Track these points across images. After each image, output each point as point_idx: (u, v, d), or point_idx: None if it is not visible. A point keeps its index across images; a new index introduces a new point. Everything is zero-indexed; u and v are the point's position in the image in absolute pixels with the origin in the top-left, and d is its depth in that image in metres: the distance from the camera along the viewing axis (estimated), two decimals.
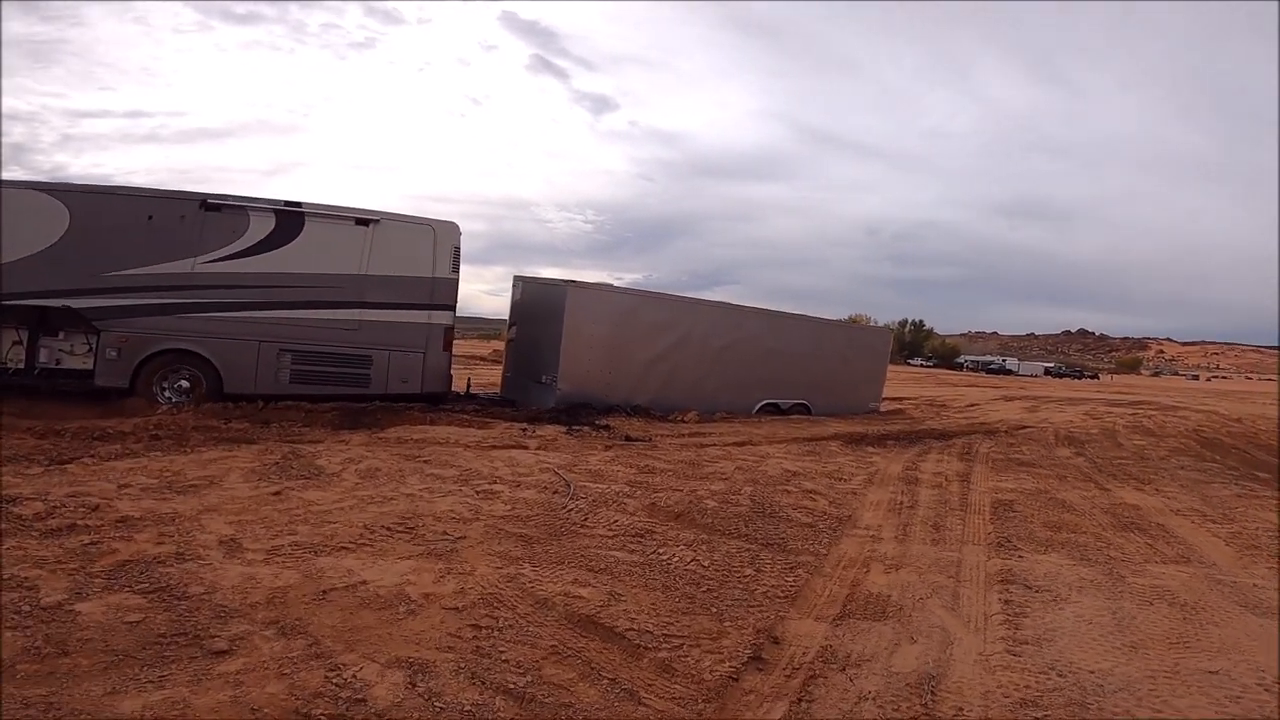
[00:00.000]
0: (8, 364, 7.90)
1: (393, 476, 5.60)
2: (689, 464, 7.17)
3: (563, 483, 5.97)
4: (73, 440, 6.08)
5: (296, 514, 4.49)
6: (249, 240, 8.39)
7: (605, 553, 4.46)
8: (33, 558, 3.21)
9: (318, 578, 3.57)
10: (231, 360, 8.29)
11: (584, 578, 4.02)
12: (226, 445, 6.22)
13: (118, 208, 8.17)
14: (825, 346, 12.67)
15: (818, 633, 3.58)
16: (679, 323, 10.94)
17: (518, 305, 11.43)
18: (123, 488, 4.59)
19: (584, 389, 10.07)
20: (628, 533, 4.90)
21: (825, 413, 12.12)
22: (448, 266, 9.06)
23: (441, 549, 4.24)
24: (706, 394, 11.02)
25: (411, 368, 8.84)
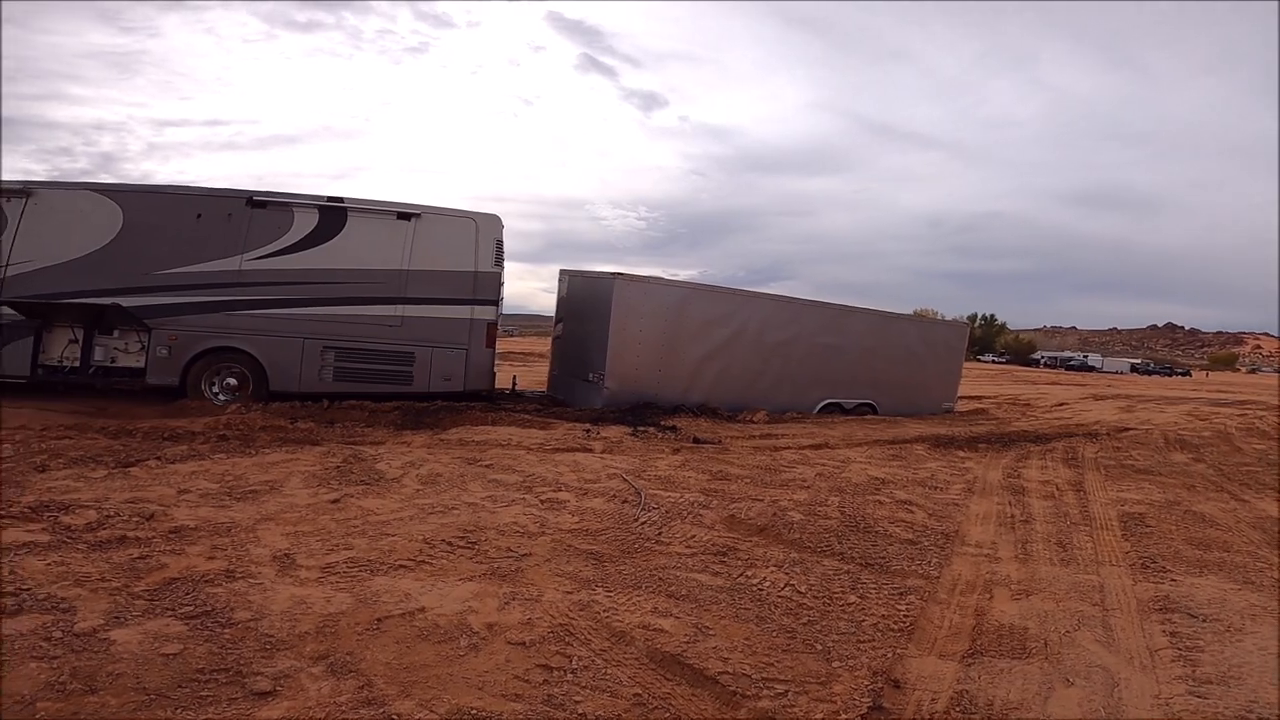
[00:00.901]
0: (64, 362, 8.01)
1: (454, 483, 5.29)
2: (765, 469, 6.63)
3: (633, 491, 5.53)
4: (143, 441, 6.03)
5: (354, 525, 4.19)
6: (293, 237, 8.32)
7: (685, 575, 3.99)
8: (75, 574, 2.97)
9: (372, 603, 3.23)
10: (277, 358, 8.22)
11: (664, 606, 3.56)
12: (291, 447, 6.04)
13: (168, 206, 8.22)
14: (893, 342, 11.81)
15: (946, 674, 3.05)
16: (733, 317, 10.33)
17: (564, 301, 11.08)
18: (182, 493, 4.40)
19: (632, 387, 9.61)
20: (708, 550, 4.43)
21: (893, 413, 11.32)
22: (490, 260, 8.78)
23: (505, 568, 3.86)
24: (762, 392, 10.41)
25: (454, 365, 8.60)
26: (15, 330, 7.81)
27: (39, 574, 2.91)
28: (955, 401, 12.84)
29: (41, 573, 2.92)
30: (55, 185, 8.27)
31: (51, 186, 8.22)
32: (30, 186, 8.08)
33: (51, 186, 8.22)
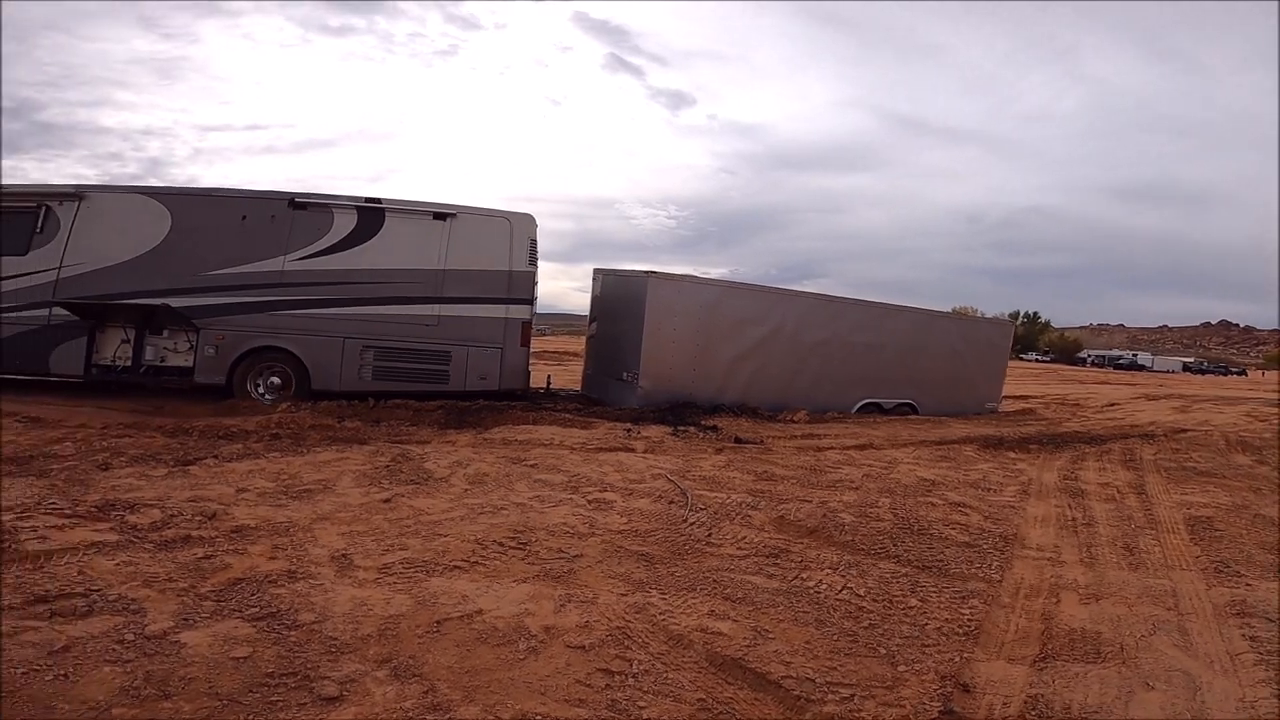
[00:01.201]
0: (117, 362, 8.21)
1: (501, 482, 5.29)
2: (810, 470, 6.52)
3: (679, 492, 5.48)
4: (199, 440, 6.16)
5: (407, 525, 4.21)
6: (334, 237, 8.43)
7: (740, 577, 3.93)
8: (143, 574, 3.02)
9: (431, 605, 3.22)
10: (318, 357, 8.32)
11: (721, 608, 3.51)
12: (340, 446, 6.11)
13: (214, 209, 8.38)
14: (935, 340, 11.51)
15: (1017, 678, 2.96)
16: (769, 315, 10.18)
17: (598, 300, 11.02)
18: (240, 492, 4.47)
19: (666, 386, 9.52)
20: (760, 552, 4.36)
21: (935, 413, 11.04)
22: (524, 259, 8.78)
23: (558, 569, 3.84)
24: (799, 392, 10.24)
25: (489, 364, 8.63)
26: (69, 330, 8.05)
27: (108, 574, 2.96)
28: (999, 401, 12.50)
29: (111, 573, 2.97)
30: (106, 189, 8.51)
31: (102, 190, 8.46)
32: (82, 190, 8.32)
33: (102, 190, 8.46)
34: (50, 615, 2.59)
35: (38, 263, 8.10)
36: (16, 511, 3.49)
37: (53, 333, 8.03)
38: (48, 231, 8.15)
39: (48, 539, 3.13)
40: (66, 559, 3.02)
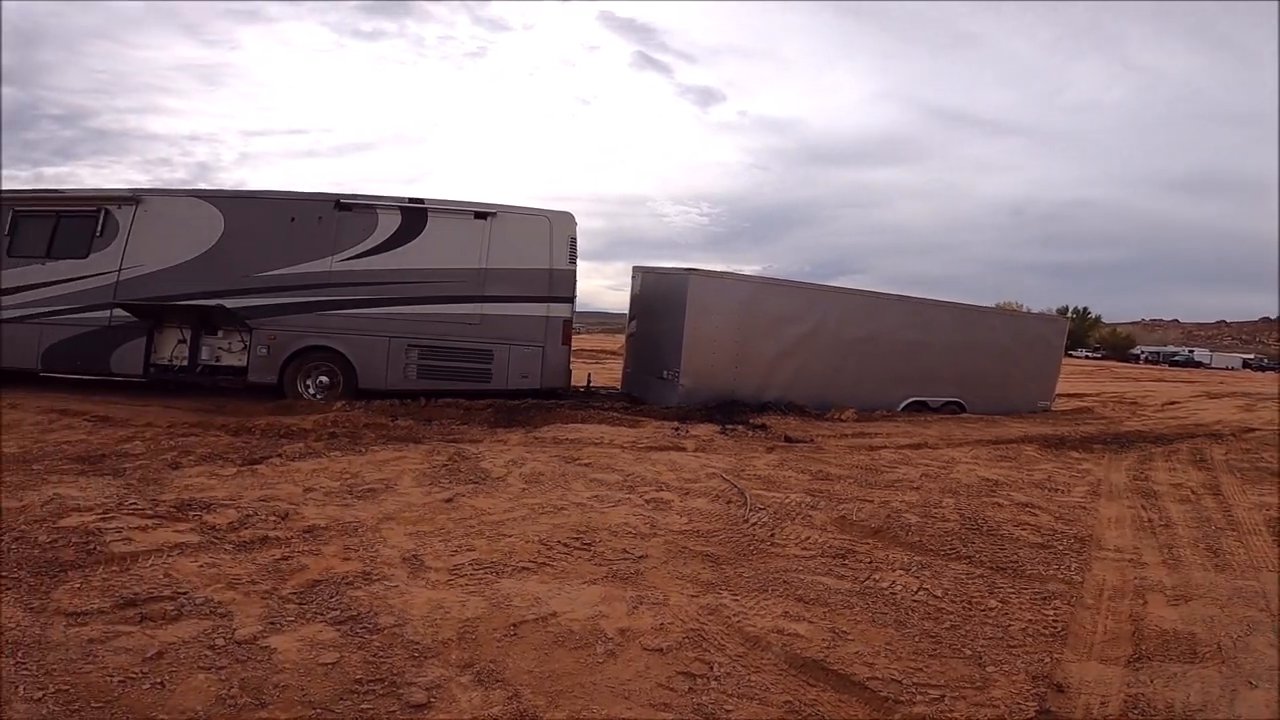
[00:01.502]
0: (174, 362, 8.41)
1: (557, 482, 5.27)
2: (866, 469, 6.38)
3: (736, 491, 5.40)
4: (262, 438, 6.28)
5: (471, 525, 4.20)
6: (378, 238, 8.50)
7: (809, 578, 3.86)
8: (227, 577, 3.04)
9: (505, 607, 3.20)
10: (365, 356, 8.41)
11: (795, 610, 3.44)
12: (396, 445, 6.16)
13: (264, 211, 8.53)
14: (984, 337, 11.15)
15: (1112, 678, 2.89)
16: (811, 312, 10.00)
17: (637, 298, 10.94)
18: (308, 492, 4.51)
19: (708, 384, 9.41)
20: (826, 552, 4.28)
21: (984, 412, 10.72)
22: (565, 257, 8.76)
23: (625, 571, 3.80)
24: (842, 390, 10.03)
25: (531, 362, 8.62)
26: (129, 331, 8.27)
27: (193, 576, 2.99)
28: (1052, 400, 12.11)
29: (195, 575, 3.00)
30: (161, 192, 8.70)
31: (158, 193, 8.66)
32: (139, 194, 8.53)
33: (158, 193, 8.66)
34: (140, 619, 2.61)
35: (98, 265, 8.35)
36: (99, 512, 3.56)
37: (113, 333, 8.27)
38: (107, 234, 8.39)
39: (132, 540, 3.18)
40: (151, 561, 3.05)
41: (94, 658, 2.36)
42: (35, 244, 8.44)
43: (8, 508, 3.70)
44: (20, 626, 2.47)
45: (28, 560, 2.93)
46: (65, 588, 2.75)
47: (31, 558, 2.95)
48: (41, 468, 4.86)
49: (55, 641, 2.40)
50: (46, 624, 2.50)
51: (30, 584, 2.76)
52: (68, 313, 8.26)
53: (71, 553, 3.01)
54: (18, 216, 8.50)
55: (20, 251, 8.43)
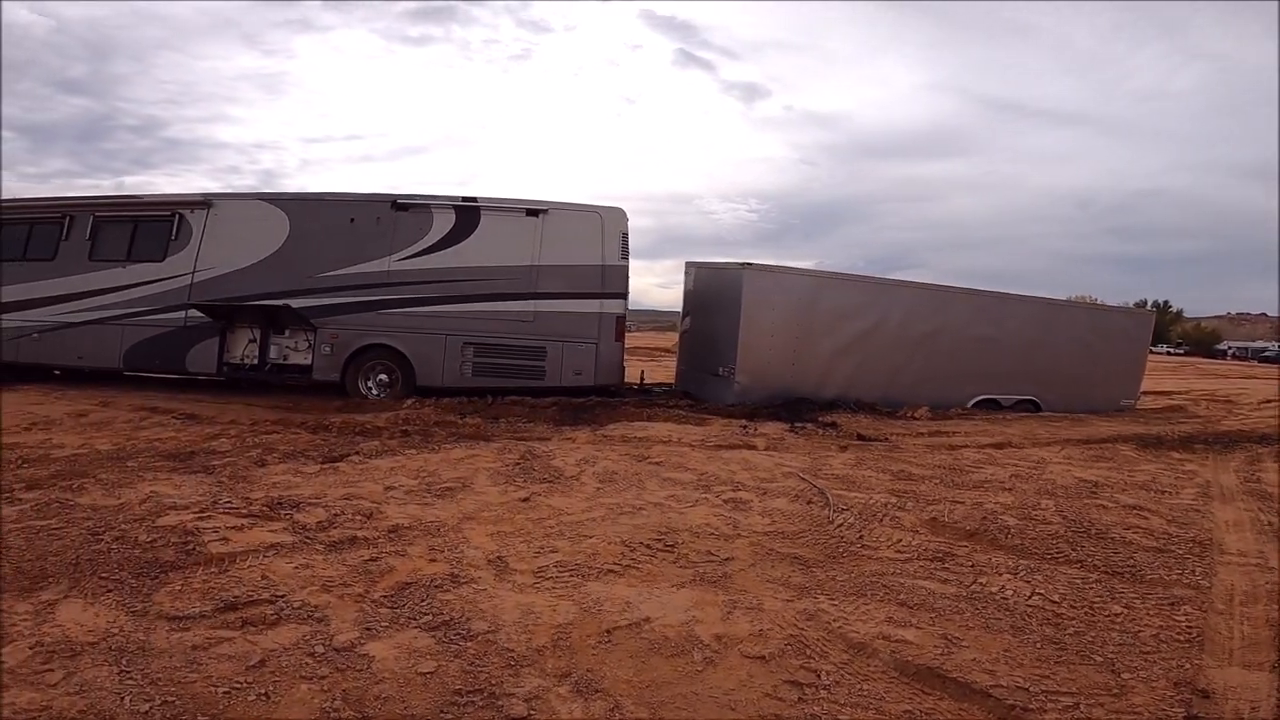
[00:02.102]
0: (245, 360, 8.64)
1: (631, 481, 5.15)
2: (949, 469, 6.07)
3: (817, 491, 5.19)
4: (339, 436, 6.37)
5: (550, 525, 4.12)
6: (433, 237, 8.56)
7: (908, 581, 3.66)
8: (320, 579, 3.01)
9: (596, 612, 3.09)
10: (422, 354, 8.47)
11: (898, 615, 3.26)
12: (467, 443, 6.15)
13: (326, 212, 8.67)
14: (1061, 332, 10.45)
15: (1260, 683, 2.71)
16: (872, 306, 9.58)
17: (691, 294, 10.71)
18: (389, 490, 4.51)
19: (764, 382, 9.13)
20: (922, 555, 4.06)
21: (1061, 410, 10.11)
22: (617, 253, 8.64)
23: (712, 574, 3.66)
24: (905, 388, 9.59)
25: (584, 359, 8.54)
26: (204, 331, 8.56)
27: (288, 578, 2.97)
28: (1137, 398, 11.37)
29: (290, 576, 2.98)
30: (231, 196, 9.00)
31: (228, 198, 8.94)
32: (210, 198, 8.82)
33: (228, 198, 8.94)
34: (241, 624, 2.59)
35: (174, 268, 8.65)
36: (195, 511, 3.60)
37: (189, 334, 8.57)
38: (181, 238, 8.69)
39: (229, 540, 3.19)
40: (249, 562, 3.05)
41: (198, 666, 2.33)
42: (115, 248, 8.80)
43: (106, 505, 3.78)
44: (124, 632, 2.47)
45: (129, 561, 2.96)
46: (166, 590, 2.76)
47: (132, 558, 2.98)
48: (136, 464, 4.99)
49: (159, 648, 2.39)
50: (150, 629, 2.50)
51: (132, 585, 2.78)
52: (146, 314, 8.59)
53: (171, 553, 3.03)
54: (98, 222, 8.88)
55: (102, 256, 8.80)
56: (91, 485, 4.15)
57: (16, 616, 2.53)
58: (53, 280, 8.80)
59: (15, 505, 3.82)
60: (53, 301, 8.79)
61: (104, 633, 2.43)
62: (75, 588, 2.75)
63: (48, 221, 9.00)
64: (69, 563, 2.97)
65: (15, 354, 8.86)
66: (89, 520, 3.52)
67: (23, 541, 3.25)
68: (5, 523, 3.52)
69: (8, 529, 3.42)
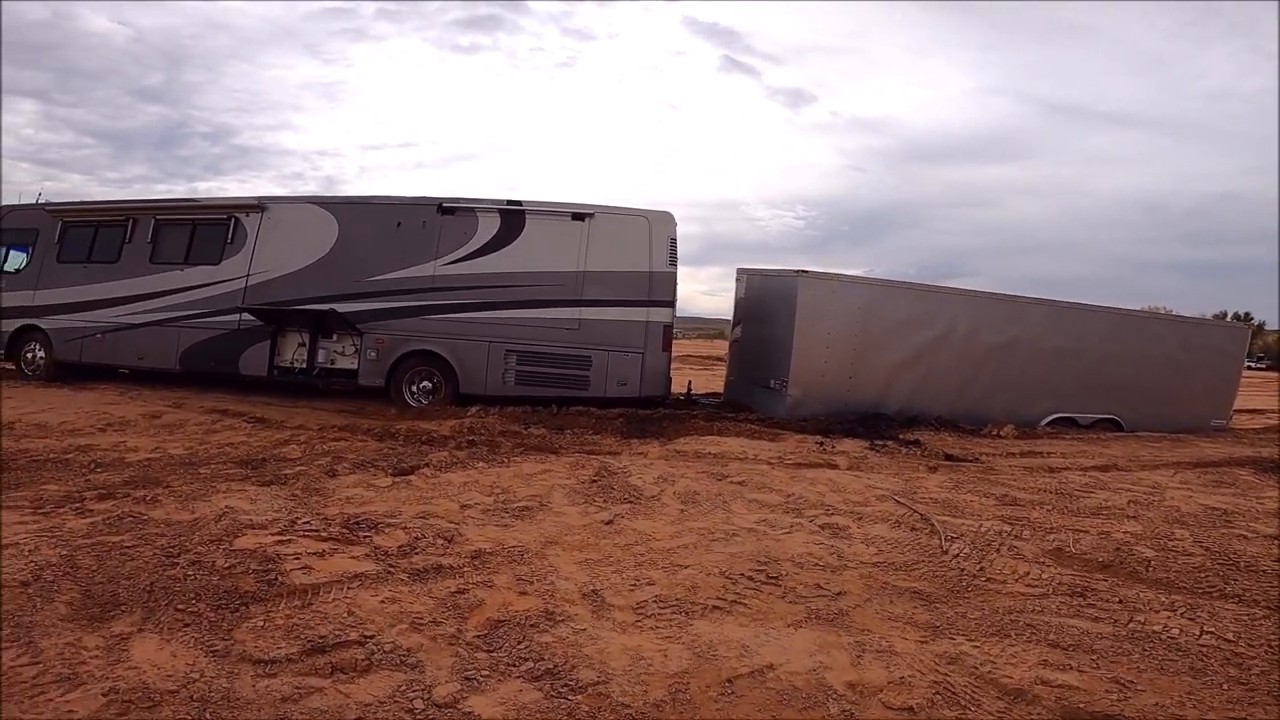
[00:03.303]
0: (294, 364, 8.57)
1: (716, 503, 4.79)
2: (1056, 494, 5.57)
3: (919, 517, 4.76)
4: (405, 444, 6.21)
5: (640, 552, 3.78)
6: (478, 241, 8.36)
7: (1054, 619, 3.27)
8: (409, 615, 2.72)
9: (711, 657, 2.74)
10: (466, 361, 8.26)
11: (1053, 657, 2.90)
12: (536, 455, 5.89)
13: (373, 216, 8.57)
14: (1146, 346, 9.64)
15: None
16: (937, 316, 8.94)
17: (742, 302, 10.24)
18: (464, 509, 4.23)
19: (818, 396, 8.59)
20: (1059, 590, 3.65)
21: (1144, 429, 9.32)
22: (664, 259, 8.26)
23: (826, 610, 3.29)
24: (972, 403, 8.93)
25: (630, 369, 8.17)
26: (256, 334, 8.55)
27: (376, 615, 2.68)
28: (1229, 418, 10.49)
29: (378, 613, 2.70)
30: (283, 199, 8.95)
31: (280, 201, 8.90)
32: (263, 202, 8.82)
33: (280, 201, 8.90)
34: (331, 671, 2.30)
35: (229, 271, 8.68)
36: (274, 531, 3.37)
37: (242, 336, 8.57)
38: (237, 241, 8.72)
39: (311, 570, 2.93)
40: (333, 594, 2.78)
41: None
42: (175, 251, 8.89)
43: (180, 520, 3.57)
44: (206, 677, 2.20)
45: (207, 590, 2.70)
46: (248, 625, 2.49)
47: (210, 586, 2.73)
48: (209, 472, 4.86)
49: (245, 698, 2.11)
50: (233, 673, 2.23)
51: (211, 620, 2.52)
52: (203, 316, 8.63)
53: (251, 582, 2.77)
54: (159, 225, 8.98)
55: (162, 258, 8.90)
56: (165, 497, 3.96)
57: (87, 653, 2.29)
58: (116, 282, 8.95)
59: (87, 517, 3.65)
60: (116, 303, 8.94)
61: (184, 678, 2.16)
62: (150, 619, 2.51)
63: (112, 224, 9.15)
64: (142, 589, 2.73)
65: (79, 354, 9.04)
66: (163, 538, 3.31)
67: (93, 561, 3.04)
68: (75, 537, 3.33)
69: (78, 544, 3.23)
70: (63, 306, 9.09)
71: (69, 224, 9.32)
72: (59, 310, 9.09)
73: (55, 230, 9.29)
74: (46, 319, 9.13)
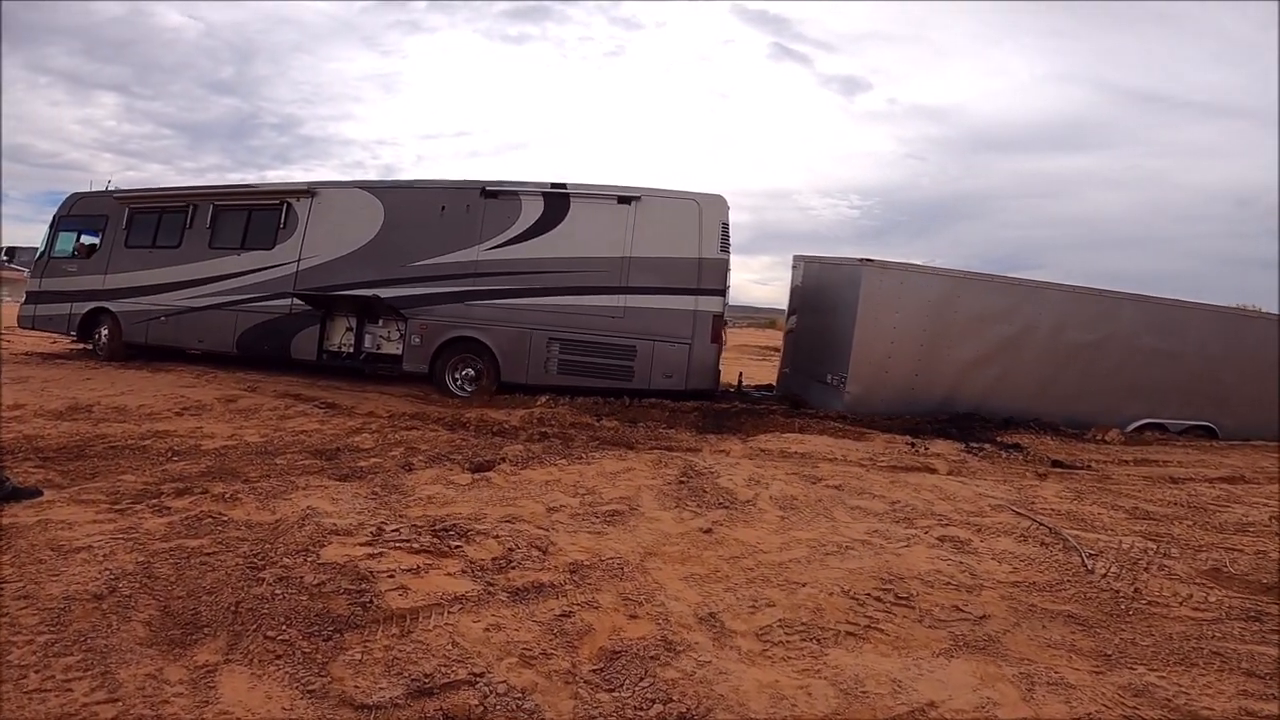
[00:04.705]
0: (342, 348, 8.52)
1: (817, 510, 4.39)
2: (1189, 507, 5.02)
3: (1048, 531, 4.29)
4: (477, 435, 6.01)
5: (749, 567, 3.42)
6: (522, 226, 8.09)
7: (1239, 646, 2.90)
8: (516, 645, 2.40)
9: (860, 695, 2.38)
10: (508, 348, 8.03)
11: (1253, 687, 2.58)
12: (613, 450, 5.59)
13: (418, 200, 8.39)
14: (1250, 348, 8.71)
15: None
16: (1017, 312, 8.24)
17: (798, 290, 9.72)
18: (551, 512, 3.93)
19: (880, 394, 8.03)
20: (1231, 614, 3.26)
21: (1241, 438, 8.42)
22: (715, 245, 7.78)
23: (973, 637, 2.90)
24: (1052, 404, 8.24)
25: (676, 360, 7.76)
26: (306, 319, 8.53)
27: (482, 646, 2.36)
28: None
29: (483, 643, 2.38)
30: (332, 184, 8.87)
31: (329, 185, 8.83)
32: (314, 187, 8.76)
33: (329, 185, 8.83)
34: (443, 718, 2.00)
35: (282, 256, 8.66)
36: (362, 540, 3.10)
37: (293, 321, 8.57)
38: (289, 226, 8.69)
39: (408, 590, 2.63)
40: (433, 620, 2.47)
41: None
42: (232, 236, 8.92)
43: (261, 523, 3.34)
44: None
45: (297, 613, 2.43)
46: (345, 658, 2.20)
47: (301, 609, 2.45)
48: (284, 463, 4.69)
49: None
50: None
51: (305, 650, 2.23)
52: (257, 300, 8.66)
53: (344, 604, 2.50)
54: (218, 211, 9.03)
55: (220, 243, 8.96)
56: (244, 494, 3.74)
57: (170, 689, 2.02)
58: (178, 267, 9.06)
59: (165, 516, 3.44)
60: (178, 287, 9.04)
61: None
62: (236, 647, 2.24)
63: (175, 210, 9.25)
64: (227, 608, 2.48)
65: (145, 335, 9.18)
66: (245, 543, 3.07)
67: (172, 571, 2.82)
68: (153, 540, 3.12)
69: (155, 549, 3.01)
70: (130, 290, 9.24)
71: (135, 210, 9.45)
72: (127, 294, 9.25)
73: (123, 216, 9.43)
74: (115, 302, 9.29)
